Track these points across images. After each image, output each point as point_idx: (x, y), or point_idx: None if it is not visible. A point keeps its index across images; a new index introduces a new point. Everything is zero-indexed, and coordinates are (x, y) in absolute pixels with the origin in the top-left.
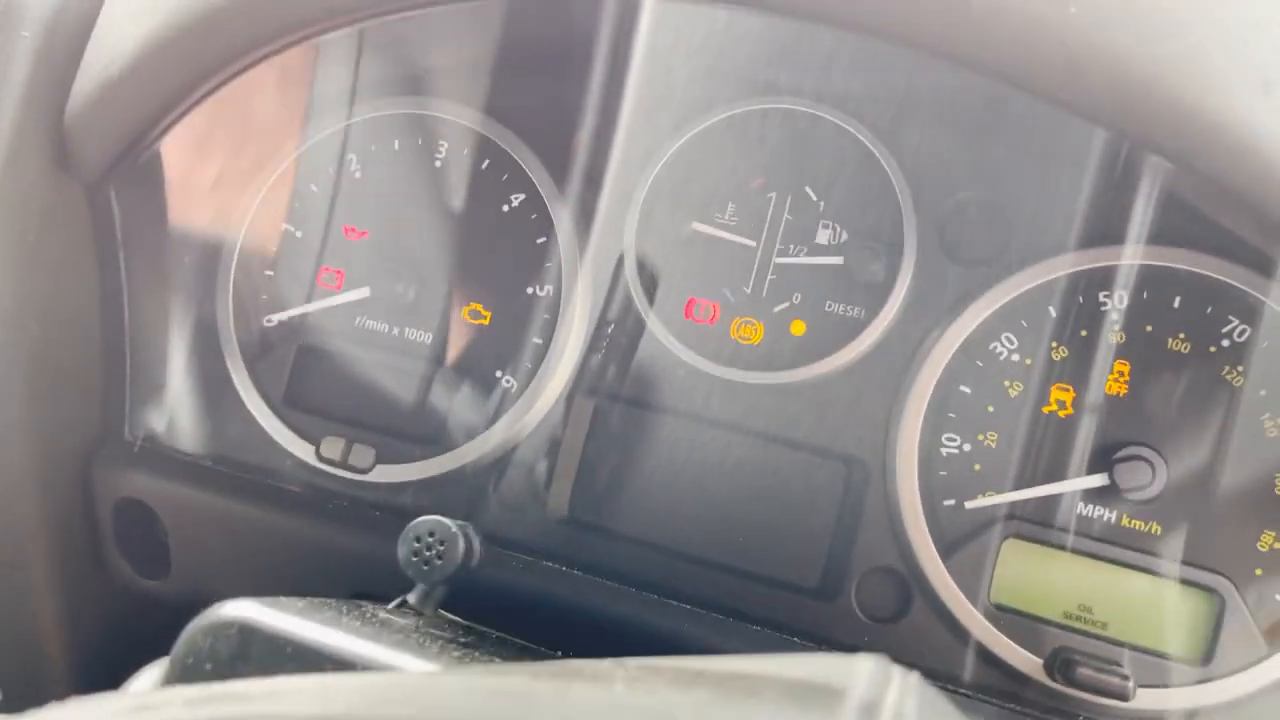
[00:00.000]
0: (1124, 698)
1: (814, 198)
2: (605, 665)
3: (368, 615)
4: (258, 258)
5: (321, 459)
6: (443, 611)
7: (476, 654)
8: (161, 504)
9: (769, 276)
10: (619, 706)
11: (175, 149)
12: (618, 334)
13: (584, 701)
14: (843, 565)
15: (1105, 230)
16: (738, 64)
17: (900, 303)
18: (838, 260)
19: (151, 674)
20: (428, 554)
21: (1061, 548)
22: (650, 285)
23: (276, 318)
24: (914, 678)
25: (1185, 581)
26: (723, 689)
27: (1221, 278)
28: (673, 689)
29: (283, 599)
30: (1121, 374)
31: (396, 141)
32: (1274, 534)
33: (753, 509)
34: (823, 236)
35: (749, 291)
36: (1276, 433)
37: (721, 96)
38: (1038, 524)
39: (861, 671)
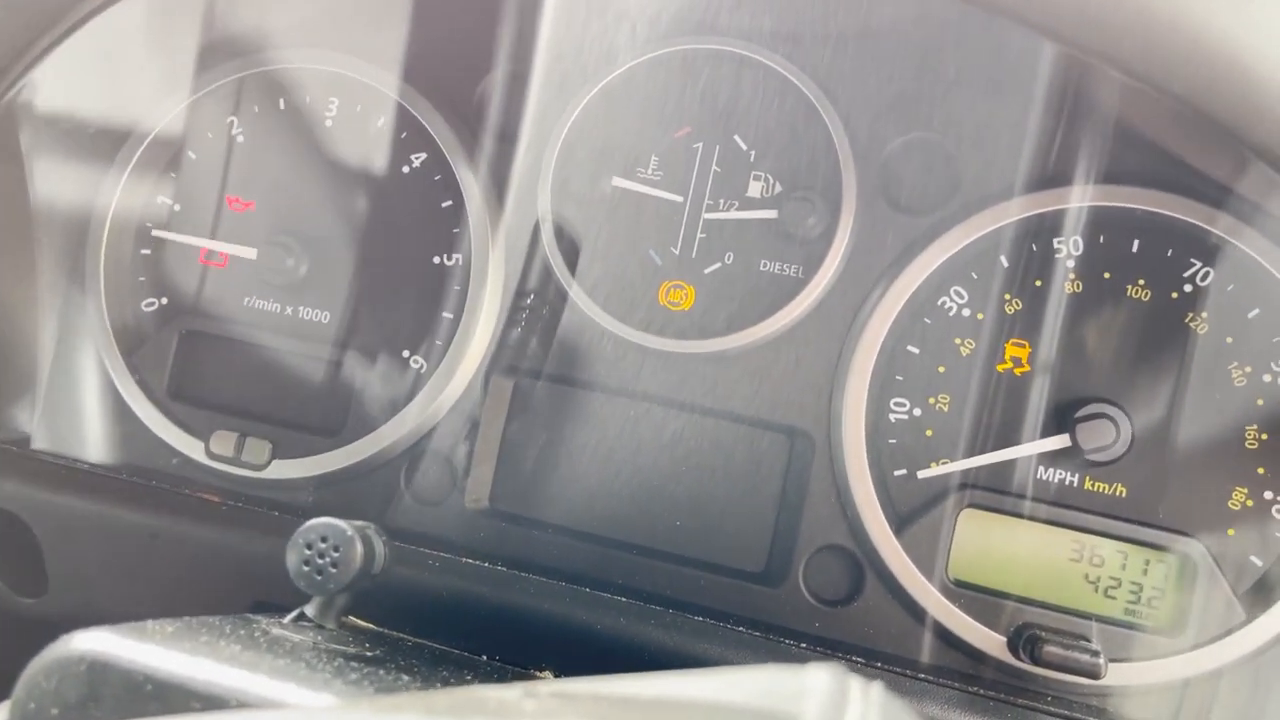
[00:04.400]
0: (1095, 675)
1: (744, 147)
2: (513, 695)
3: (256, 634)
4: (131, 234)
5: (212, 456)
6: (352, 619)
7: (382, 670)
8: (33, 514)
9: (698, 235)
10: None
11: (26, 109)
12: (537, 304)
13: None
14: (789, 546)
15: (1057, 171)
16: (660, 2)
17: (840, 258)
18: (771, 214)
19: None
20: (320, 562)
21: (1021, 516)
22: (570, 250)
23: (156, 301)
24: (875, 690)
25: (1154, 546)
26: None
27: (1182, 217)
28: None
29: (149, 624)
30: (1079, 326)
31: (282, 100)
32: (1245, 491)
33: (690, 489)
34: (754, 189)
35: (677, 252)
36: (1244, 382)
37: (641, 38)
38: (995, 492)
39: (815, 690)
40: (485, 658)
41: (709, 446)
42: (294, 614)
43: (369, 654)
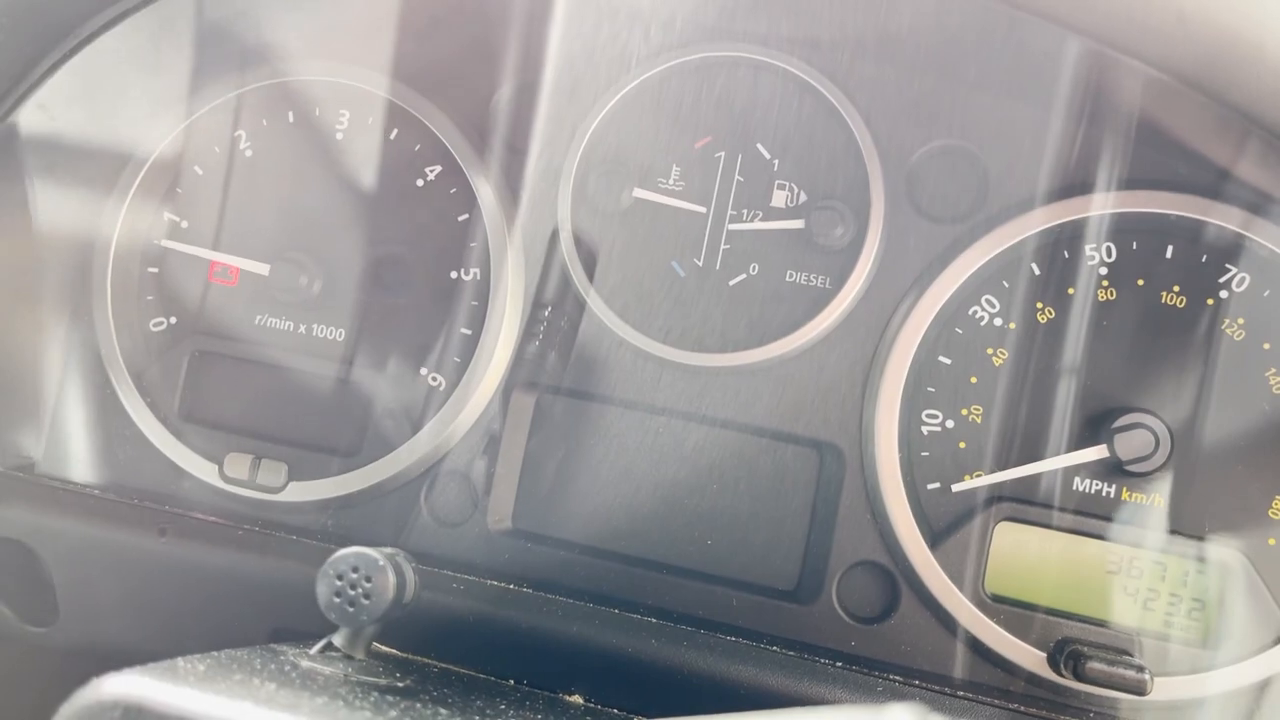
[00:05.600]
0: (1141, 692)
1: (767, 156)
2: None
3: (287, 668)
4: (138, 253)
5: (226, 479)
6: (377, 645)
7: (418, 703)
8: (42, 542)
9: (722, 246)
10: None
11: (28, 129)
12: (556, 318)
13: None
14: (821, 562)
15: (1087, 176)
16: (675, 9)
17: (869, 268)
18: (798, 224)
19: None
20: (352, 593)
21: (1059, 529)
22: (589, 262)
23: (164, 320)
24: None
25: (1195, 557)
26: None
27: (1216, 221)
28: None
29: (179, 662)
30: (1114, 334)
31: (291, 113)
32: None
33: (718, 506)
34: (779, 199)
35: (701, 264)
36: None
37: (659, 47)
38: (1031, 504)
39: None
40: (513, 682)
41: (738, 462)
42: (321, 644)
43: (400, 685)
